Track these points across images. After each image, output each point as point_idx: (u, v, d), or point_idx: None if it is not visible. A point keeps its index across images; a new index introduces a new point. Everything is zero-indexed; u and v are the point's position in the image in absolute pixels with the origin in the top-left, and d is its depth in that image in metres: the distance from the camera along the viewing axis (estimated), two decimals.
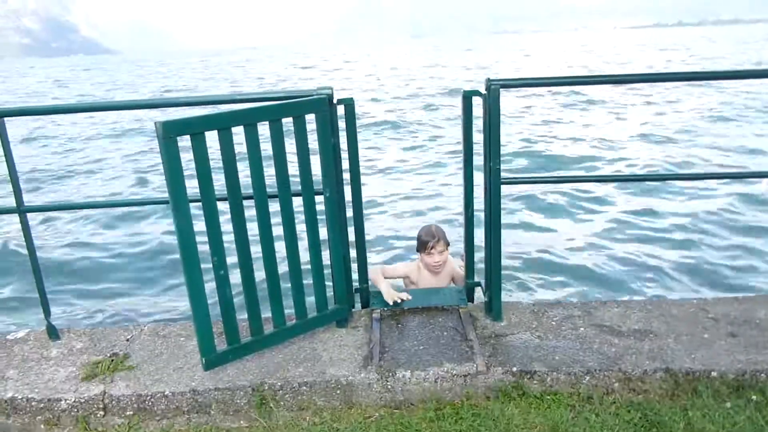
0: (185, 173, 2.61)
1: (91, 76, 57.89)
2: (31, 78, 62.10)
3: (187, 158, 2.55)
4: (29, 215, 3.23)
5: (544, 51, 68.55)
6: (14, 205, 3.12)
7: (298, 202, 2.97)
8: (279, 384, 2.82)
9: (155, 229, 8.26)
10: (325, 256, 3.12)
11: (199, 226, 2.65)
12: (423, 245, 3.91)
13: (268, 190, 2.89)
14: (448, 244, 3.95)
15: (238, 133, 2.72)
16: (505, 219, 3.29)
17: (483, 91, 3.03)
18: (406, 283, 4.17)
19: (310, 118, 2.91)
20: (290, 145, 2.85)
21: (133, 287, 6.37)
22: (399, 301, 3.40)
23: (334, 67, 53.29)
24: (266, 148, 2.79)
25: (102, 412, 2.81)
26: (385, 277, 3.76)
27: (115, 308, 5.88)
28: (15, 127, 19.58)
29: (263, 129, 2.78)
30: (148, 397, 2.80)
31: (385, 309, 3.45)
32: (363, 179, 3.28)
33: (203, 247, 2.67)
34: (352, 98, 3.06)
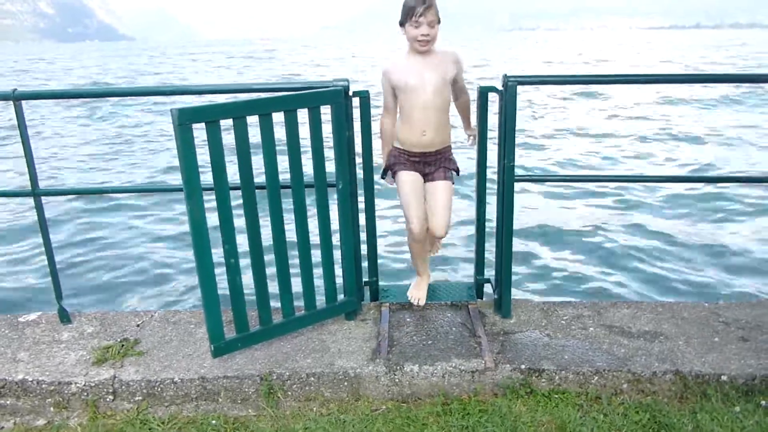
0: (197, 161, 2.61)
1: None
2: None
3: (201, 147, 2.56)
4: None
5: (558, 50, 67.96)
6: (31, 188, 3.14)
7: (310, 194, 2.98)
8: (287, 374, 2.83)
9: (169, 215, 8.31)
10: (336, 248, 3.12)
11: (212, 214, 2.66)
12: (409, 12, 2.99)
13: (281, 180, 2.89)
14: (439, 20, 3.08)
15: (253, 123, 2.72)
16: (516, 216, 3.27)
17: (500, 87, 3.01)
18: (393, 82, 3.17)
19: (324, 110, 2.91)
20: (303, 138, 2.85)
21: (144, 273, 6.41)
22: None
23: (340, 59, 52.92)
24: (279, 138, 2.79)
25: (111, 397, 2.83)
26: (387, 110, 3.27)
27: (126, 294, 5.92)
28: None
29: (278, 119, 2.79)
30: (157, 383, 2.82)
31: (394, 303, 3.45)
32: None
33: (215, 235, 2.68)
34: (367, 91, 3.04)
